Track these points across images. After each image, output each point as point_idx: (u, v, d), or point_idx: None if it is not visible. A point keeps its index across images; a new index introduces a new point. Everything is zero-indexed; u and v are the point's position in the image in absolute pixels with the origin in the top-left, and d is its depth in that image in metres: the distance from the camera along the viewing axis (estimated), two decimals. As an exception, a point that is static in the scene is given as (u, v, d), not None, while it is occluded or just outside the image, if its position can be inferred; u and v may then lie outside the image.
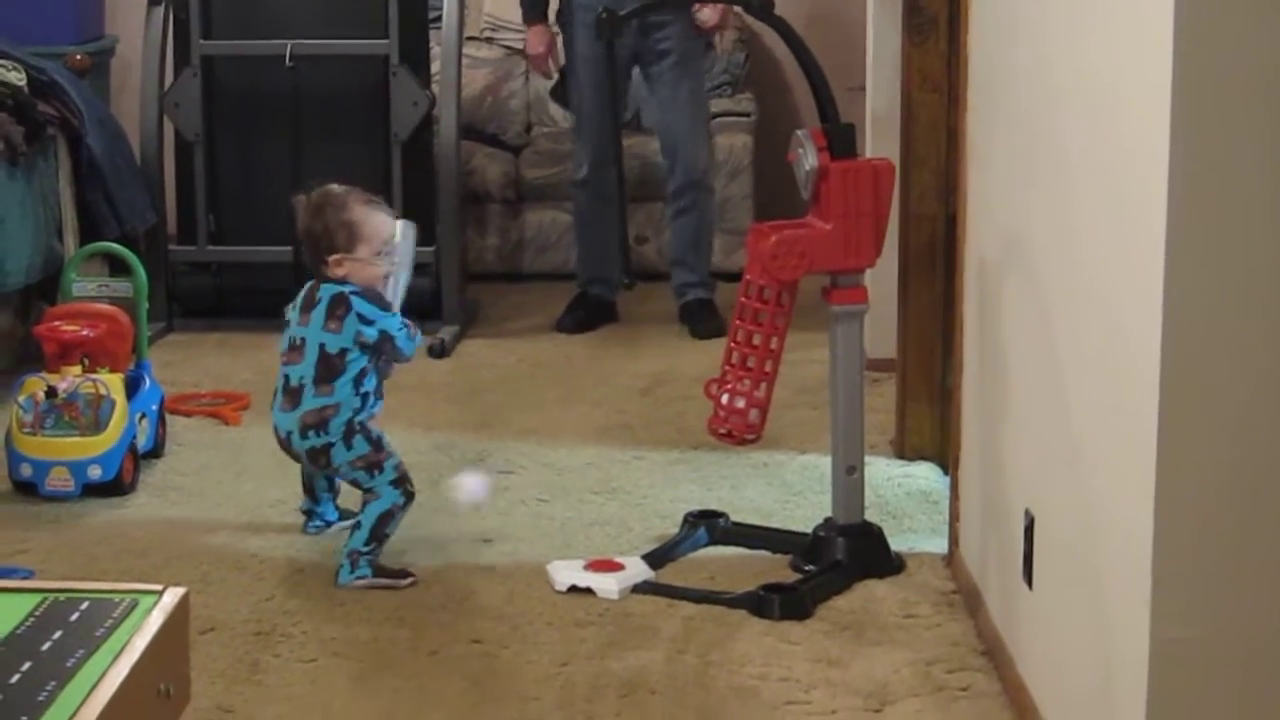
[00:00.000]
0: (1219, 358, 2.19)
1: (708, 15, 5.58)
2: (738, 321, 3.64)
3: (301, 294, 3.74)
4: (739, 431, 3.65)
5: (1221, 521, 2.22)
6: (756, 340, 3.62)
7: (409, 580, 3.60)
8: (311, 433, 3.63)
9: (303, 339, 3.67)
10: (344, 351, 3.64)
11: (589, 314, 5.81)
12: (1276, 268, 2.17)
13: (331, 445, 3.63)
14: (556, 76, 5.92)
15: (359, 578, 3.59)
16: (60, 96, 5.36)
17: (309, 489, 3.89)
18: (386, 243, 3.68)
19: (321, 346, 3.64)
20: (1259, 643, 2.25)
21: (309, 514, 3.90)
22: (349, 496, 3.85)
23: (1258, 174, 2.15)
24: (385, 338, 3.65)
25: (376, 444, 3.65)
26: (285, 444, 3.70)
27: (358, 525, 3.63)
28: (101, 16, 6.74)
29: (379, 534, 3.61)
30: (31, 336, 4.50)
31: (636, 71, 5.79)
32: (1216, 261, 2.17)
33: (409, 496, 3.65)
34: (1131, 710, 2.32)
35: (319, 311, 3.66)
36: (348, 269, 3.66)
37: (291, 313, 3.73)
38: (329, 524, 3.89)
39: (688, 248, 5.79)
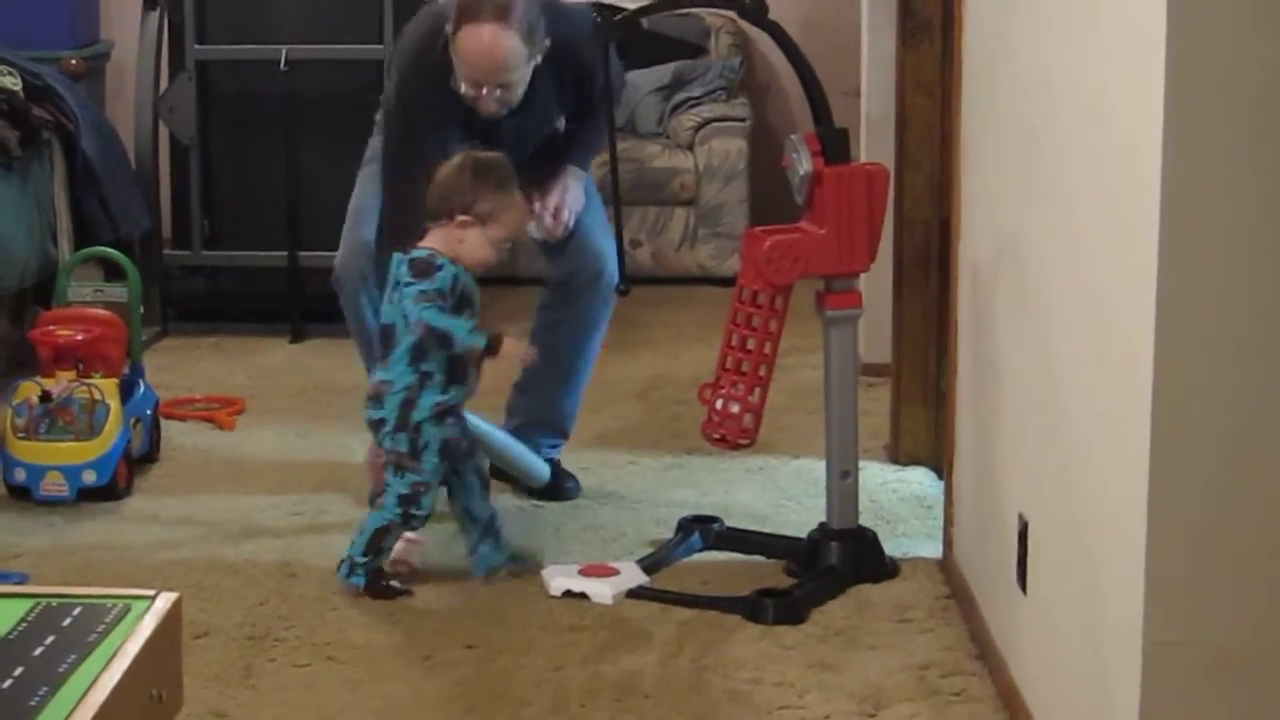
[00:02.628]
0: (1212, 362, 2.19)
1: (547, 222, 4.04)
2: (732, 326, 3.64)
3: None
4: (733, 436, 3.65)
5: (1214, 526, 2.23)
6: (750, 345, 3.62)
7: (401, 597, 3.57)
8: (370, 404, 3.58)
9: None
10: (392, 325, 3.55)
11: None
12: (1270, 272, 2.17)
13: (383, 422, 3.55)
14: None
15: (353, 585, 3.58)
16: (55, 101, 5.37)
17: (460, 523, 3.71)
18: (511, 240, 3.63)
19: (383, 317, 3.61)
20: (1251, 646, 2.25)
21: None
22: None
23: (1250, 176, 2.16)
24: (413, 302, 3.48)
25: (414, 453, 3.53)
26: None
27: (360, 531, 3.60)
28: (97, 21, 6.73)
29: (375, 546, 3.57)
30: (26, 341, 4.50)
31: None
32: (1210, 266, 2.17)
33: (406, 520, 3.57)
34: (1125, 714, 2.32)
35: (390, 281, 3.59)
36: (468, 236, 3.53)
37: None
38: (496, 567, 3.67)
39: (546, 375, 4.09)
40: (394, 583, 3.59)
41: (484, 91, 3.83)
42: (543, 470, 4.01)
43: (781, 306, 3.61)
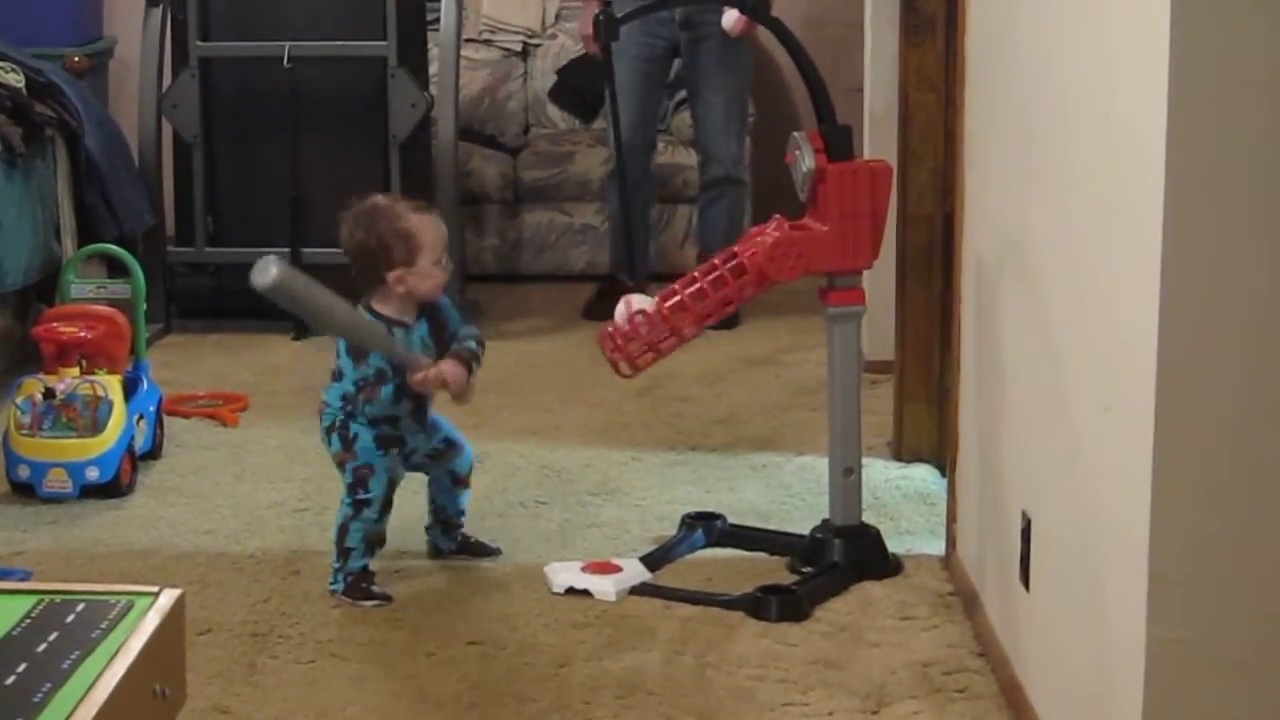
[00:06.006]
0: (1215, 358, 2.19)
1: (730, 23, 5.62)
2: (697, 275, 3.61)
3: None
4: (627, 361, 3.63)
5: (1217, 523, 2.22)
6: (699, 304, 3.58)
7: (374, 603, 3.52)
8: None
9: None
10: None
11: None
12: (1273, 267, 2.17)
13: (324, 434, 3.60)
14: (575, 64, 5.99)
15: (333, 591, 3.55)
16: (58, 98, 5.37)
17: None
18: (444, 248, 3.52)
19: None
20: (1255, 643, 2.25)
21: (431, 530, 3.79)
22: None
23: (1255, 174, 2.15)
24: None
25: (349, 443, 3.54)
26: None
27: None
28: (100, 18, 6.74)
29: (341, 548, 3.55)
30: (29, 338, 4.50)
31: (677, 64, 5.91)
32: (1214, 262, 2.17)
33: (356, 507, 3.55)
34: (1128, 711, 2.32)
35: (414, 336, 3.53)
36: (410, 284, 3.48)
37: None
38: (440, 551, 3.77)
39: (716, 243, 5.52)
40: (374, 588, 3.55)
41: None
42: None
43: (750, 294, 3.59)
